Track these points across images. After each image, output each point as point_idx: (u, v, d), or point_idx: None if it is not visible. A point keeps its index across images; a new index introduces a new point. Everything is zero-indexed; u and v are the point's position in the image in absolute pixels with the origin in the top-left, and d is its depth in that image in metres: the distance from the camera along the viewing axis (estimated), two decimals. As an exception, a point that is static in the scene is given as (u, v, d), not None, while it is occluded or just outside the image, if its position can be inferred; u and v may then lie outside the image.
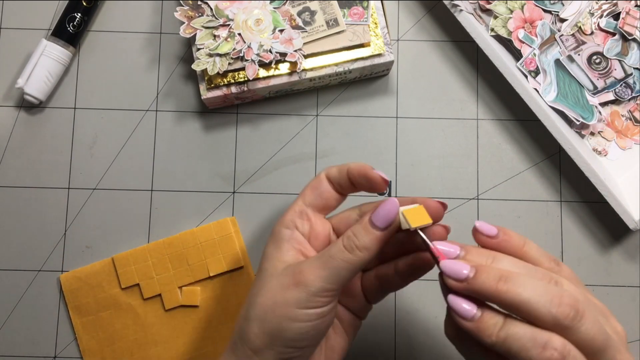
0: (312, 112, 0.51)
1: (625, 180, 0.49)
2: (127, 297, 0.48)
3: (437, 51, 0.52)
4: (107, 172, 0.50)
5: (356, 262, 0.34)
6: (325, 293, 0.34)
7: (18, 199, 0.50)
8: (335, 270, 0.34)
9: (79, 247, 0.49)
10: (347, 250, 0.34)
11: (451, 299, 0.32)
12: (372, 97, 0.51)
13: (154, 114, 0.51)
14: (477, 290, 0.31)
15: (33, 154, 0.50)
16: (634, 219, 0.46)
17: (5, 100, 0.51)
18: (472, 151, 0.51)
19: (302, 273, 0.34)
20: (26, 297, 0.49)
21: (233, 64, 0.46)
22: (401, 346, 0.48)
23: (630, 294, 0.49)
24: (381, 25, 0.48)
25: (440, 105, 0.51)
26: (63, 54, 0.50)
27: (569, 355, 0.29)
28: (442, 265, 0.32)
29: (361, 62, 0.48)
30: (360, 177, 0.37)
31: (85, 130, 0.51)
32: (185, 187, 0.50)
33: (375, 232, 0.34)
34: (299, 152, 0.50)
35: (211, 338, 0.48)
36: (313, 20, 0.47)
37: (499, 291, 0.30)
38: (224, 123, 0.51)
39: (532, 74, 0.49)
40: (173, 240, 0.49)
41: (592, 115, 0.48)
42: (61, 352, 0.48)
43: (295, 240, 0.36)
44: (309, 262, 0.34)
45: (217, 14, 0.47)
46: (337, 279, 0.34)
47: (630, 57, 0.49)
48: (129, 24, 0.52)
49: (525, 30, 0.49)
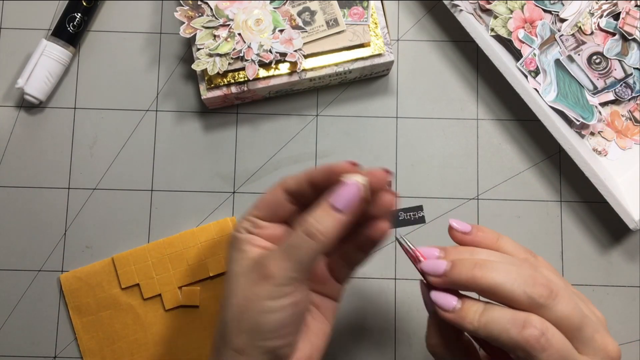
0: (312, 112, 0.51)
1: (625, 180, 0.49)
2: (127, 297, 0.48)
3: (437, 51, 0.52)
4: (107, 172, 0.50)
5: (318, 248, 0.34)
6: (292, 282, 0.34)
7: (18, 199, 0.50)
8: (298, 258, 0.33)
9: (79, 247, 0.49)
10: (309, 236, 0.34)
11: (433, 295, 0.33)
12: (372, 97, 0.51)
13: (154, 114, 0.51)
14: (456, 280, 0.32)
15: (33, 154, 0.50)
16: (634, 219, 0.46)
17: (5, 100, 0.51)
18: (472, 151, 0.51)
19: (267, 266, 0.34)
20: (26, 297, 0.49)
21: (233, 64, 0.46)
22: (401, 346, 0.48)
23: (630, 294, 0.49)
24: (381, 25, 0.48)
25: (440, 105, 0.51)
26: (63, 54, 0.50)
27: (548, 332, 0.30)
28: (421, 265, 0.34)
29: (361, 62, 0.48)
30: (327, 181, 0.35)
31: (85, 130, 0.51)
32: (185, 187, 0.50)
33: (338, 215, 0.34)
34: (299, 152, 0.50)
35: (211, 338, 0.48)
36: (313, 20, 0.47)
37: (475, 277, 0.32)
38: (224, 123, 0.51)
39: (532, 74, 0.49)
40: (173, 240, 0.49)
41: (592, 115, 0.48)
42: (61, 352, 0.48)
43: (255, 239, 0.37)
44: (272, 255, 0.34)
45: (217, 14, 0.47)
46: (302, 267, 0.34)
47: (630, 57, 0.49)
48: (129, 24, 0.52)
49: (525, 30, 0.49)
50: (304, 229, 0.34)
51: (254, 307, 0.34)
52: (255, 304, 0.34)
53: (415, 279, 0.49)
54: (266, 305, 0.34)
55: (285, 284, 0.34)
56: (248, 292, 0.34)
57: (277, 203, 0.37)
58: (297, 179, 0.37)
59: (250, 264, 0.35)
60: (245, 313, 0.34)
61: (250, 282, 0.34)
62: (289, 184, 0.37)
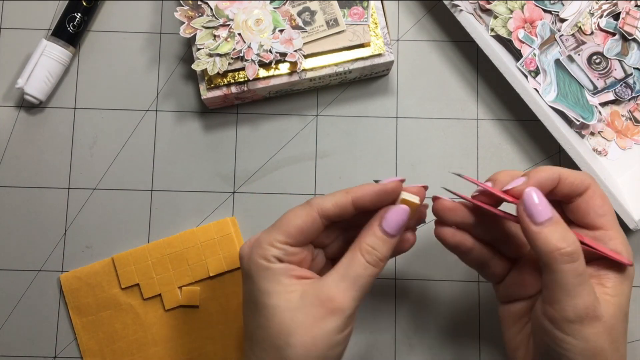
0: (312, 112, 0.51)
1: (625, 180, 0.49)
2: (127, 297, 0.48)
3: (437, 51, 0.52)
4: (107, 172, 0.50)
5: (379, 271, 0.35)
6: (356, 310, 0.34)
7: (18, 199, 0.50)
8: (364, 286, 0.34)
9: (79, 247, 0.49)
10: (372, 265, 0.35)
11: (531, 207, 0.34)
12: (372, 97, 0.51)
13: (154, 114, 0.51)
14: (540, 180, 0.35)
15: (33, 154, 0.50)
16: (634, 219, 0.46)
17: (5, 100, 0.51)
18: (472, 151, 0.51)
19: (334, 300, 0.33)
20: (26, 297, 0.49)
21: (233, 64, 0.46)
22: (401, 346, 0.48)
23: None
24: (381, 25, 0.48)
25: (440, 105, 0.51)
26: (63, 54, 0.50)
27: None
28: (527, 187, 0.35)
29: (361, 62, 0.48)
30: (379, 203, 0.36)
31: (85, 130, 0.51)
32: (185, 187, 0.50)
33: (391, 240, 0.35)
34: (299, 152, 0.50)
35: (211, 338, 0.48)
36: (313, 20, 0.47)
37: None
38: (224, 123, 0.51)
39: (532, 74, 0.49)
40: (173, 240, 0.49)
41: (592, 115, 0.48)
42: (61, 352, 0.48)
43: (293, 269, 0.35)
44: (335, 286, 0.34)
45: (217, 14, 0.47)
46: (365, 292, 0.35)
47: (630, 57, 0.49)
48: (129, 24, 0.52)
49: (525, 30, 0.49)
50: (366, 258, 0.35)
51: (323, 344, 0.33)
52: (325, 341, 0.33)
53: (415, 279, 0.49)
54: (335, 339, 0.34)
55: (354, 314, 0.34)
56: (315, 330, 0.33)
57: (313, 229, 0.36)
58: (337, 204, 0.36)
59: (301, 298, 0.34)
60: (314, 351, 0.33)
61: (313, 318, 0.33)
62: (328, 209, 0.35)
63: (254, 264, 0.35)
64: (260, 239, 0.35)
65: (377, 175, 0.50)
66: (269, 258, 0.35)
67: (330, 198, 0.36)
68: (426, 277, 0.49)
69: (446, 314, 0.48)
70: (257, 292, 0.35)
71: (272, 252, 0.35)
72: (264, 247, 0.35)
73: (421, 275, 0.49)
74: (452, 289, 0.49)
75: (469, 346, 0.48)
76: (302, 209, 0.36)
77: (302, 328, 0.33)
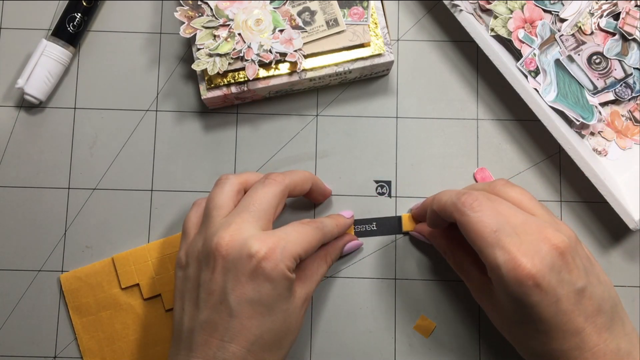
0: (312, 112, 0.51)
1: (625, 180, 0.49)
2: (127, 297, 0.48)
3: (437, 51, 0.52)
4: (107, 172, 0.50)
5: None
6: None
7: (18, 199, 0.50)
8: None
9: (79, 247, 0.49)
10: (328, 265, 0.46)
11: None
12: (372, 97, 0.51)
13: (154, 114, 0.51)
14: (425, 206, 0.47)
15: (33, 154, 0.50)
16: (634, 219, 0.46)
17: (5, 100, 0.51)
18: (472, 151, 0.51)
19: (309, 299, 0.44)
20: (26, 297, 0.49)
21: (233, 64, 0.46)
22: (401, 346, 0.48)
23: (630, 294, 0.49)
24: (381, 25, 0.48)
25: (440, 105, 0.51)
26: (63, 54, 0.50)
27: (479, 199, 0.39)
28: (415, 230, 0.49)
29: (361, 62, 0.48)
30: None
31: (85, 130, 0.51)
32: (185, 187, 0.50)
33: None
34: (299, 152, 0.50)
35: (211, 338, 0.48)
36: (313, 20, 0.47)
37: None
38: (224, 123, 0.51)
39: (532, 74, 0.49)
40: (173, 240, 0.49)
41: (592, 115, 0.48)
42: (61, 352, 0.48)
43: (294, 278, 0.41)
44: (313, 288, 0.43)
45: (217, 14, 0.47)
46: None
47: (630, 57, 0.49)
48: (129, 24, 0.52)
49: (525, 30, 0.49)
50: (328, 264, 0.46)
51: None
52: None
53: (415, 279, 0.49)
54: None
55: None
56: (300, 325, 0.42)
57: (316, 247, 0.42)
58: (337, 233, 0.46)
59: (301, 301, 0.42)
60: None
61: (302, 317, 0.42)
62: (333, 235, 0.45)
63: (280, 272, 0.38)
64: (286, 251, 0.39)
65: (377, 175, 0.50)
66: (291, 269, 0.39)
67: (336, 230, 0.46)
68: (426, 277, 0.49)
69: (446, 314, 0.48)
70: (277, 296, 0.39)
71: (293, 265, 0.39)
72: (290, 259, 0.39)
73: (421, 275, 0.49)
74: (452, 289, 0.49)
75: (469, 346, 0.48)
76: (315, 234, 0.42)
77: (298, 328, 0.41)
